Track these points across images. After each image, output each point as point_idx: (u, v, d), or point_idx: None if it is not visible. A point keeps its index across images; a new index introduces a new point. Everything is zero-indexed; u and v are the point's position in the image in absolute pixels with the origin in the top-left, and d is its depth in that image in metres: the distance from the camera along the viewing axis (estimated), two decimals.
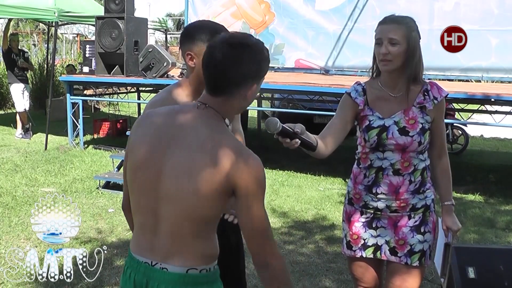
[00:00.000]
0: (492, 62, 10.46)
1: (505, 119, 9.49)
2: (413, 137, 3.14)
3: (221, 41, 2.24)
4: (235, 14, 12.37)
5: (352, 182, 3.38)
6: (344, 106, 3.34)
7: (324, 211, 7.45)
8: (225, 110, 2.28)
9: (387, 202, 3.23)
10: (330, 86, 9.30)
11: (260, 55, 2.26)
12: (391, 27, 3.11)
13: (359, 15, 11.29)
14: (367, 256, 3.34)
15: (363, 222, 3.32)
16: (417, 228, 3.26)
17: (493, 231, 6.88)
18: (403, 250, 3.26)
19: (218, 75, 2.22)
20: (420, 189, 3.24)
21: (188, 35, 2.97)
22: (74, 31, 29.49)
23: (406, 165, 3.18)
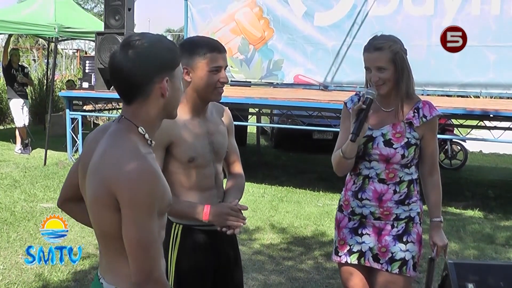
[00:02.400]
0: (491, 77, 10.49)
1: (504, 135, 9.49)
2: (396, 150, 3.28)
3: (119, 46, 2.18)
4: (235, 30, 12.41)
5: (344, 189, 3.53)
6: (344, 119, 3.48)
7: (323, 227, 7.43)
8: (142, 117, 2.18)
9: (371, 209, 3.36)
10: (329, 102, 9.31)
11: (155, 47, 2.15)
12: (376, 56, 3.25)
13: (358, 30, 11.33)
14: (352, 262, 3.45)
15: (350, 228, 3.46)
16: (399, 237, 3.36)
17: (492, 247, 6.87)
18: (384, 257, 3.37)
19: (119, 81, 2.15)
20: (405, 201, 3.36)
21: (184, 50, 2.99)
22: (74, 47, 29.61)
23: (391, 176, 3.33)
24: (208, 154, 3.09)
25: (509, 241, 6.98)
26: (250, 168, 4.41)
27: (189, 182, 3.07)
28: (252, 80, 12.38)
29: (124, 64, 2.12)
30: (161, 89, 2.15)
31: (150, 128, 2.22)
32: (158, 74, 2.13)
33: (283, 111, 10.44)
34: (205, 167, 3.09)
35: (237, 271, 3.35)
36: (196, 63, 2.97)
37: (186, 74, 2.98)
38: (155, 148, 2.95)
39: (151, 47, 2.14)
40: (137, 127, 2.17)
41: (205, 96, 3.05)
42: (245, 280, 5.51)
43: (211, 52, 2.98)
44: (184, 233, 3.11)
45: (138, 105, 2.17)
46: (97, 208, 2.13)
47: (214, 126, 3.16)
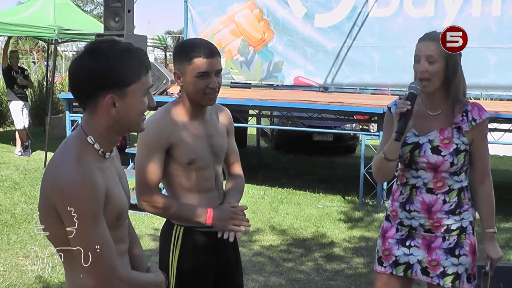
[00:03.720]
0: (491, 79, 10.49)
1: (504, 137, 9.49)
2: (445, 157, 3.11)
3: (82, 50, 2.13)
4: (234, 32, 12.40)
5: (391, 199, 3.36)
6: (387, 124, 3.29)
7: (323, 229, 7.43)
8: (92, 127, 2.12)
9: (420, 221, 3.19)
10: (329, 103, 9.32)
11: (102, 60, 2.04)
12: (429, 44, 3.12)
13: (358, 32, 11.32)
14: (397, 274, 3.28)
15: (397, 239, 3.28)
16: (451, 251, 3.20)
17: None
18: (435, 271, 3.21)
19: (71, 86, 2.11)
20: (456, 210, 3.19)
21: (175, 54, 3.00)
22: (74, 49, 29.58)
23: (439, 184, 3.15)
24: (207, 156, 3.07)
25: (509, 243, 6.98)
26: (250, 170, 4.40)
27: (189, 184, 3.06)
28: (252, 82, 12.38)
29: (75, 71, 2.08)
30: (104, 105, 2.07)
31: (100, 139, 2.14)
32: (100, 89, 2.05)
33: (283, 113, 10.44)
34: (205, 169, 3.08)
35: (237, 272, 3.35)
36: (184, 68, 2.93)
37: (177, 78, 2.98)
38: (156, 150, 2.95)
39: (103, 59, 2.05)
40: (87, 136, 2.12)
41: (196, 101, 3.01)
42: (245, 282, 5.50)
43: (198, 57, 2.90)
44: (185, 235, 3.10)
45: (89, 114, 2.12)
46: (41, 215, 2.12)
47: (214, 128, 3.14)
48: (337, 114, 10.47)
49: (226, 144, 3.21)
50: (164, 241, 3.19)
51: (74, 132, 2.19)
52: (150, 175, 2.97)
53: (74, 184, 1.99)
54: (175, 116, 3.02)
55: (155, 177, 2.99)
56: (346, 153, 14.18)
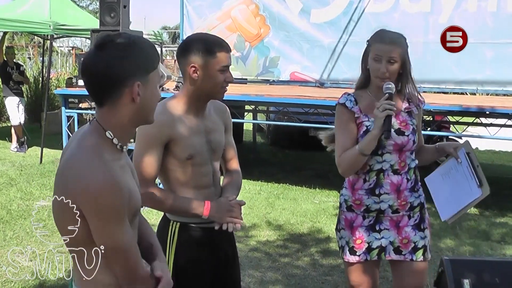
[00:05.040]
0: (487, 75, 10.48)
1: (500, 132, 9.50)
2: (409, 136, 3.40)
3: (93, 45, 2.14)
4: (231, 27, 12.38)
5: (349, 190, 3.52)
6: (344, 120, 3.46)
7: (320, 224, 7.44)
8: (112, 121, 2.12)
9: (389, 202, 3.42)
10: (325, 99, 9.31)
11: (130, 49, 2.08)
12: (391, 48, 3.33)
13: (354, 27, 11.31)
14: (372, 259, 3.48)
15: (366, 226, 3.47)
16: (417, 226, 3.50)
17: (488, 243, 6.89)
18: (407, 248, 3.47)
19: (89, 82, 2.10)
20: (415, 187, 3.49)
21: (193, 48, 3.00)
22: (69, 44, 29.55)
23: (402, 164, 3.42)
24: (206, 152, 3.09)
25: (505, 238, 7.00)
26: (246, 165, 4.41)
27: (187, 179, 3.07)
28: (248, 77, 12.37)
29: (95, 65, 2.08)
30: (131, 94, 2.08)
31: (121, 132, 2.16)
32: (128, 78, 2.07)
33: (279, 108, 10.43)
34: (203, 165, 3.09)
35: (234, 268, 3.37)
36: (206, 61, 2.96)
37: (193, 72, 2.98)
38: (155, 145, 2.96)
39: (125, 49, 2.08)
40: (105, 131, 2.13)
41: (210, 94, 3.07)
42: (242, 277, 5.51)
43: (222, 51, 2.99)
44: (181, 230, 3.12)
45: (108, 108, 2.11)
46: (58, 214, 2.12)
47: (212, 124, 3.16)
48: (333, 110, 10.45)
49: (224, 141, 3.23)
50: (160, 237, 3.13)
51: (88, 127, 2.18)
52: (148, 169, 2.98)
53: (100, 183, 1.99)
54: (175, 111, 3.03)
55: (153, 171, 3.00)
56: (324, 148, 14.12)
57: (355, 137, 3.40)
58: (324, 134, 3.80)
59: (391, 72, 3.34)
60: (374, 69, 3.37)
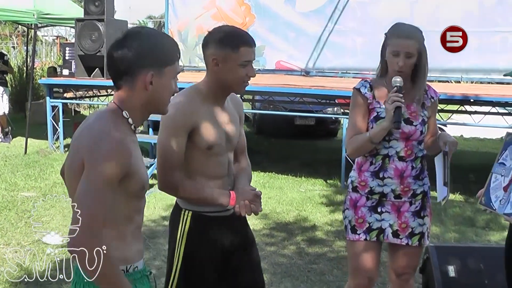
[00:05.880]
0: (472, 63, 10.54)
1: (484, 119, 9.56)
2: (416, 127, 3.52)
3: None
4: (216, 16, 12.35)
5: (356, 171, 3.68)
6: (357, 104, 3.62)
7: (306, 213, 7.46)
8: (127, 103, 2.31)
9: (392, 186, 3.56)
10: (310, 87, 9.32)
11: (150, 40, 2.29)
12: (409, 43, 3.46)
13: (340, 16, 11.32)
14: (371, 240, 3.63)
15: (368, 206, 3.63)
16: (417, 213, 3.63)
17: (473, 230, 6.94)
18: (404, 232, 3.62)
19: (110, 66, 2.31)
20: (420, 176, 3.61)
21: (215, 40, 3.03)
22: (54, 33, 29.31)
23: (409, 153, 3.55)
24: (224, 142, 3.13)
25: (489, 224, 7.04)
26: None
27: (205, 168, 3.11)
28: None
29: (116, 50, 2.27)
30: (144, 82, 2.26)
31: (134, 115, 2.33)
32: (143, 66, 2.25)
33: (265, 97, 10.44)
34: (221, 155, 3.14)
35: (252, 251, 3.41)
36: (227, 55, 2.98)
37: (214, 65, 3.01)
38: (181, 132, 3.02)
39: (146, 40, 2.28)
40: (122, 111, 2.30)
41: (230, 88, 3.11)
42: None
43: (244, 46, 3.00)
44: (193, 219, 3.15)
45: (124, 92, 2.30)
46: (71, 178, 2.25)
47: (230, 116, 3.21)
48: (319, 98, 10.47)
49: (239, 132, 3.28)
50: (172, 227, 3.24)
51: (106, 107, 2.37)
52: (173, 156, 3.02)
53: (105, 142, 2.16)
54: (198, 101, 3.08)
55: (178, 159, 3.04)
56: (328, 136, 14.20)
57: (365, 121, 3.58)
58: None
59: (408, 66, 3.47)
60: (392, 63, 3.49)
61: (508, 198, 3.09)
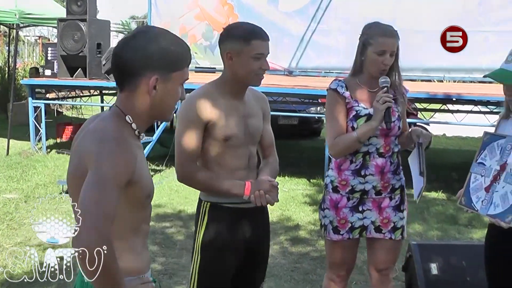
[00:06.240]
0: (454, 62, 10.59)
1: (467, 118, 9.64)
2: (394, 122, 3.55)
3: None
4: (199, 16, 12.33)
5: (335, 171, 3.69)
6: (336, 104, 3.63)
7: (289, 212, 7.47)
8: (130, 107, 2.18)
9: (373, 183, 3.61)
10: (293, 87, 9.34)
11: (158, 43, 2.14)
12: (394, 41, 3.52)
13: (322, 16, 11.34)
14: (354, 237, 3.70)
15: (350, 207, 3.66)
16: (397, 207, 3.71)
17: (455, 227, 6.99)
18: (387, 227, 3.69)
19: (114, 66, 2.19)
20: (397, 170, 3.69)
21: (229, 35, 3.15)
22: (36, 34, 29.16)
23: (387, 148, 3.61)
24: (242, 135, 3.20)
25: (472, 222, 7.08)
26: None
27: (223, 160, 3.20)
28: (216, 66, 12.28)
29: (121, 49, 2.16)
30: (147, 86, 2.13)
31: (137, 120, 2.20)
32: (148, 69, 2.12)
33: None
34: (239, 147, 3.21)
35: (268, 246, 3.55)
36: (240, 48, 3.08)
37: (229, 59, 3.12)
38: (197, 125, 3.10)
39: (154, 40, 2.15)
40: (125, 115, 2.18)
41: (245, 81, 3.18)
42: None
43: (256, 39, 3.10)
44: (211, 210, 3.24)
45: (127, 94, 2.18)
46: (75, 186, 2.11)
47: (250, 110, 3.28)
48: (302, 98, 10.49)
49: (261, 127, 3.35)
50: (196, 219, 3.34)
51: (109, 111, 2.24)
52: (191, 148, 3.12)
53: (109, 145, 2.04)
54: (216, 94, 3.18)
55: (195, 151, 3.14)
56: (311, 136, 14.22)
57: (345, 120, 3.58)
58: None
59: (390, 63, 3.53)
60: (376, 62, 3.50)
61: (490, 199, 3.09)
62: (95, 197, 1.94)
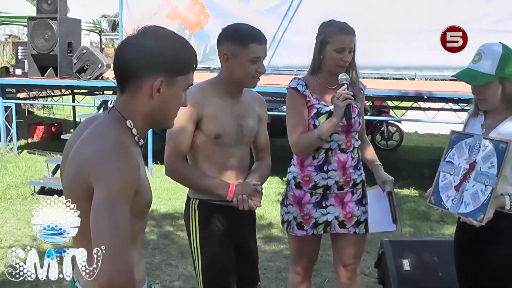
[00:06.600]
0: (425, 60, 10.66)
1: (438, 116, 9.73)
2: (355, 118, 3.59)
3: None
4: (170, 15, 12.27)
5: (297, 167, 3.75)
6: (297, 103, 3.68)
7: (262, 210, 7.46)
8: (130, 111, 2.07)
9: (335, 178, 3.66)
10: (266, 85, 9.33)
11: (165, 44, 2.05)
12: (352, 38, 3.58)
13: (294, 14, 11.35)
14: (318, 233, 3.76)
15: (313, 203, 3.70)
16: (360, 202, 3.76)
17: (428, 224, 7.06)
18: (351, 222, 3.73)
19: (116, 66, 2.07)
20: (357, 165, 3.74)
21: (227, 36, 3.17)
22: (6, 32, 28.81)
23: (349, 144, 3.66)
24: (235, 134, 3.22)
25: (444, 218, 7.15)
26: None
27: (213, 158, 3.22)
28: None
29: (125, 49, 2.05)
30: (151, 88, 2.02)
31: (137, 125, 2.09)
32: (153, 70, 2.02)
33: None
34: (231, 147, 3.22)
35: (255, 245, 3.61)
36: (237, 51, 3.10)
37: (225, 60, 3.14)
38: (188, 121, 3.11)
39: (162, 41, 2.06)
40: (126, 120, 2.06)
41: (241, 82, 3.21)
42: (184, 266, 5.51)
43: (253, 42, 3.11)
44: (200, 206, 3.28)
45: (128, 96, 2.06)
46: (71, 198, 1.95)
47: (245, 110, 3.30)
48: (274, 96, 10.50)
49: (256, 128, 3.37)
50: (185, 218, 3.38)
51: (108, 115, 2.11)
52: (179, 144, 3.16)
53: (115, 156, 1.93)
54: (210, 92, 3.21)
55: (184, 146, 3.18)
56: (284, 134, 14.16)
57: (306, 119, 3.62)
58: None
59: (349, 61, 3.58)
60: (336, 59, 3.55)
61: (461, 197, 3.11)
62: (109, 221, 1.82)
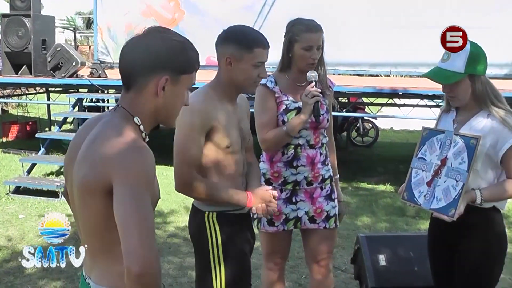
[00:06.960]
0: (400, 57, 10.72)
1: (413, 112, 9.78)
2: (323, 115, 3.61)
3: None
4: (145, 12, 12.22)
5: (267, 163, 3.74)
6: (266, 99, 3.68)
7: None
8: (136, 108, 2.10)
9: (305, 174, 3.68)
10: None
11: (170, 44, 2.10)
12: (319, 35, 3.57)
13: (269, 11, 11.36)
14: (288, 229, 3.79)
15: (283, 199, 3.72)
16: (329, 197, 3.80)
17: (403, 219, 7.10)
18: (320, 217, 3.76)
19: (123, 64, 2.11)
20: (325, 161, 3.79)
21: (231, 39, 3.03)
22: None
23: (317, 140, 3.69)
24: (240, 141, 3.15)
25: (419, 213, 7.19)
26: (164, 151, 4.40)
27: (223, 168, 3.09)
28: None
29: (132, 48, 2.09)
30: (156, 86, 2.06)
31: (145, 122, 2.13)
32: (159, 69, 2.06)
33: None
34: (237, 154, 3.14)
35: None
36: (242, 55, 2.99)
37: (228, 64, 3.02)
38: (200, 132, 2.98)
39: (167, 41, 2.10)
40: (133, 117, 2.10)
41: (242, 87, 3.11)
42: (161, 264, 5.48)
43: (258, 47, 3.01)
44: (219, 218, 3.11)
45: (134, 94, 2.10)
46: (84, 196, 2.00)
47: (241, 113, 3.24)
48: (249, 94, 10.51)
49: (249, 129, 3.31)
50: (197, 232, 3.18)
51: (114, 113, 2.13)
52: (193, 157, 2.99)
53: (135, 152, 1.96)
54: (213, 100, 3.06)
55: (197, 159, 3.01)
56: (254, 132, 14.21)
57: (275, 115, 3.63)
58: None
59: (317, 58, 3.58)
60: (304, 57, 3.55)
61: (432, 193, 3.13)
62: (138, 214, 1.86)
